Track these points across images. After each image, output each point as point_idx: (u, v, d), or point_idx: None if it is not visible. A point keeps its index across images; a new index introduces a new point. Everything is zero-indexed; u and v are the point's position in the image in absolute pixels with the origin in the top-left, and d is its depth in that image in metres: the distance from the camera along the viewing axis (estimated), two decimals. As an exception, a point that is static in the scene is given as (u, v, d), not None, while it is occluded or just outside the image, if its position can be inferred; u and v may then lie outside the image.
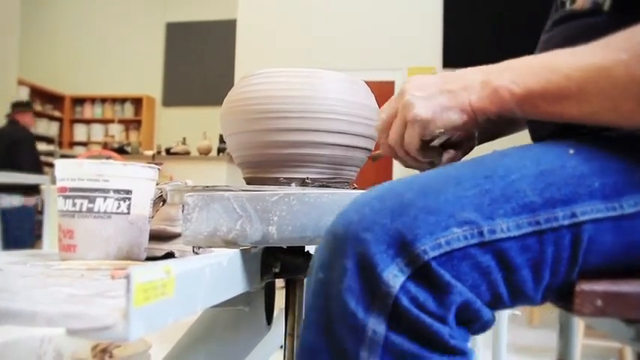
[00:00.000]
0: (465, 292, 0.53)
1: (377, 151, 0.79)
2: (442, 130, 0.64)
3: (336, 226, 0.54)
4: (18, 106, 5.22)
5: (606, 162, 0.59)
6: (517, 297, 0.56)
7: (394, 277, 0.51)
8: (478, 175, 0.56)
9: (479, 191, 0.55)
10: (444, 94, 0.64)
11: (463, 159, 0.73)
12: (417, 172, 0.85)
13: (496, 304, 0.56)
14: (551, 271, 0.56)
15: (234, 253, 0.63)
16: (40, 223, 3.97)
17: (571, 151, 0.60)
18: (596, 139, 0.62)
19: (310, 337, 0.54)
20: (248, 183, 0.88)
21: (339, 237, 0.53)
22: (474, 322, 0.55)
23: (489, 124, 0.66)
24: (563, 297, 0.59)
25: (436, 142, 0.67)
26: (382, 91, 5.34)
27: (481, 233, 0.53)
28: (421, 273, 0.51)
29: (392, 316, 0.51)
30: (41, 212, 3.88)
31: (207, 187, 0.76)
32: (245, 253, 0.67)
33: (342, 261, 0.52)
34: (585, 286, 0.57)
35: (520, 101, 0.61)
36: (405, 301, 0.50)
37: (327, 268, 0.53)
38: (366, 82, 0.89)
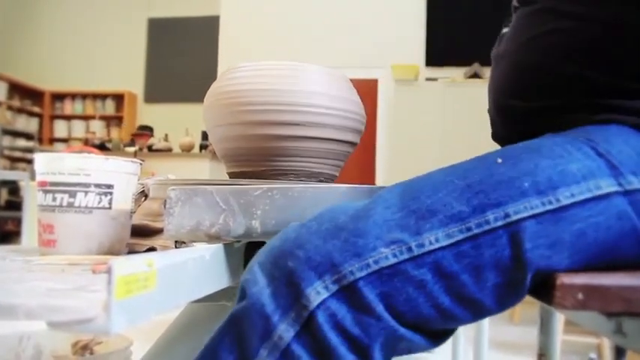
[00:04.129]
0: (387, 320, 0.54)
1: None
2: None
3: (276, 241, 0.58)
4: (141, 128, 6.03)
5: (535, 162, 0.61)
6: (463, 302, 0.57)
7: (316, 294, 0.54)
8: (406, 198, 0.60)
9: (406, 212, 0.58)
10: None
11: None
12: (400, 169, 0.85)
13: (443, 314, 0.57)
14: (497, 271, 0.57)
15: (216, 247, 0.63)
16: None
17: (499, 160, 0.62)
18: (525, 143, 0.65)
19: (223, 323, 0.57)
20: (231, 177, 0.87)
21: (276, 249, 0.57)
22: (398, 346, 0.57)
23: None
24: (544, 291, 0.59)
25: None
26: (366, 88, 5.34)
27: (409, 249, 0.56)
28: (345, 291, 0.54)
29: (303, 328, 0.54)
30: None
31: (190, 180, 0.76)
32: (228, 248, 0.66)
33: (273, 270, 0.56)
34: (566, 280, 0.57)
35: None
36: (320, 317, 0.53)
37: (261, 269, 0.57)
38: (350, 80, 0.89)
